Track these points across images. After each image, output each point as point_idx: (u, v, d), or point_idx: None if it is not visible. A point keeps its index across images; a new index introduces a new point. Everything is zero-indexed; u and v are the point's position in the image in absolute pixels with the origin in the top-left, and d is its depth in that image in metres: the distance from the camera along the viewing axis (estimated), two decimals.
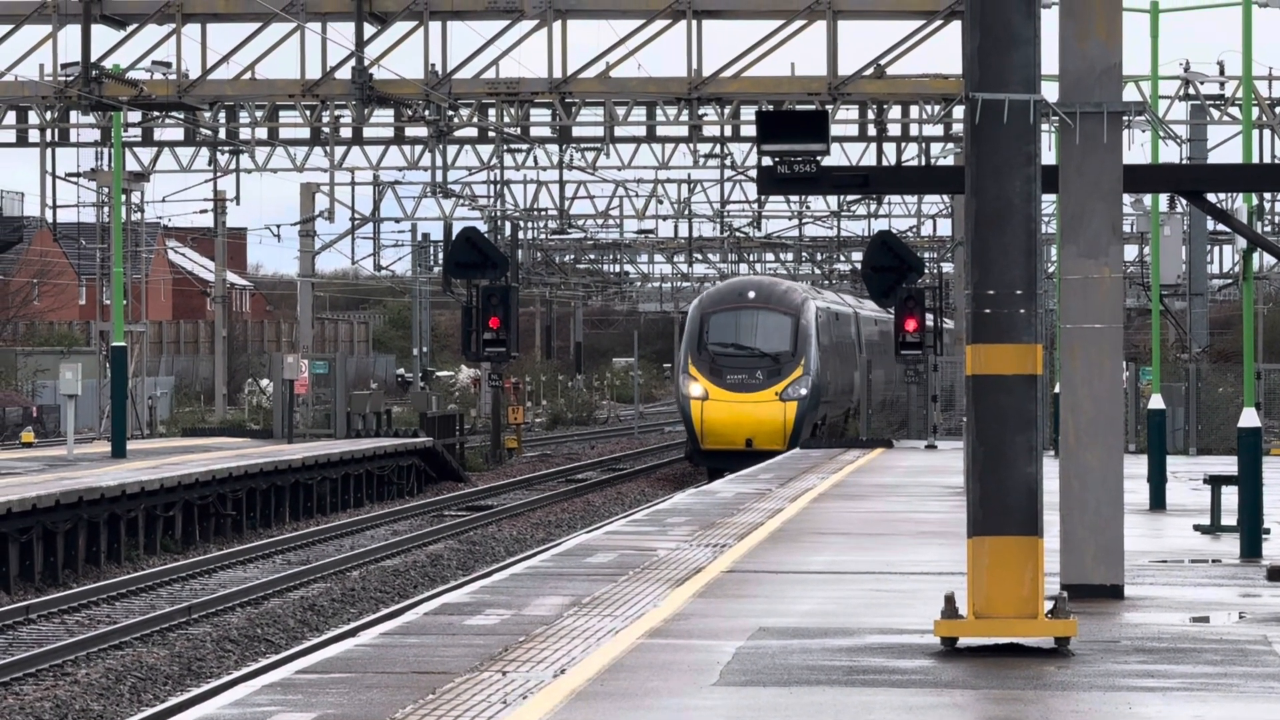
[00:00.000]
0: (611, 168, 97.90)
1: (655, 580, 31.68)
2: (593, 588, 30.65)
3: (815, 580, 32.02)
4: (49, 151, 74.32)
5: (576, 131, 65.69)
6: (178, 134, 67.51)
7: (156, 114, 62.77)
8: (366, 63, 58.51)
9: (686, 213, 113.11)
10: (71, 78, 58.01)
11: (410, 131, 64.85)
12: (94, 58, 57.58)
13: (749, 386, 75.11)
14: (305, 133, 65.50)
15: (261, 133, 67.22)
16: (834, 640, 25.25)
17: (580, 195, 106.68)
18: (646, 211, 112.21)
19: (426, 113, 60.86)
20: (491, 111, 62.80)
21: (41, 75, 59.42)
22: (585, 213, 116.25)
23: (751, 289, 79.64)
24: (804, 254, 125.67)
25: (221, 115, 64.55)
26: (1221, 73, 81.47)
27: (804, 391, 75.16)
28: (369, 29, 57.99)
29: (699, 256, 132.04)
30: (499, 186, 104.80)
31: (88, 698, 35.63)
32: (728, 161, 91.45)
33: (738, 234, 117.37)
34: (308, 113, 62.09)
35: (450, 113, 61.47)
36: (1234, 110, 76.88)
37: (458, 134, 66.14)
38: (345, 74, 58.49)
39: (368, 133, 64.98)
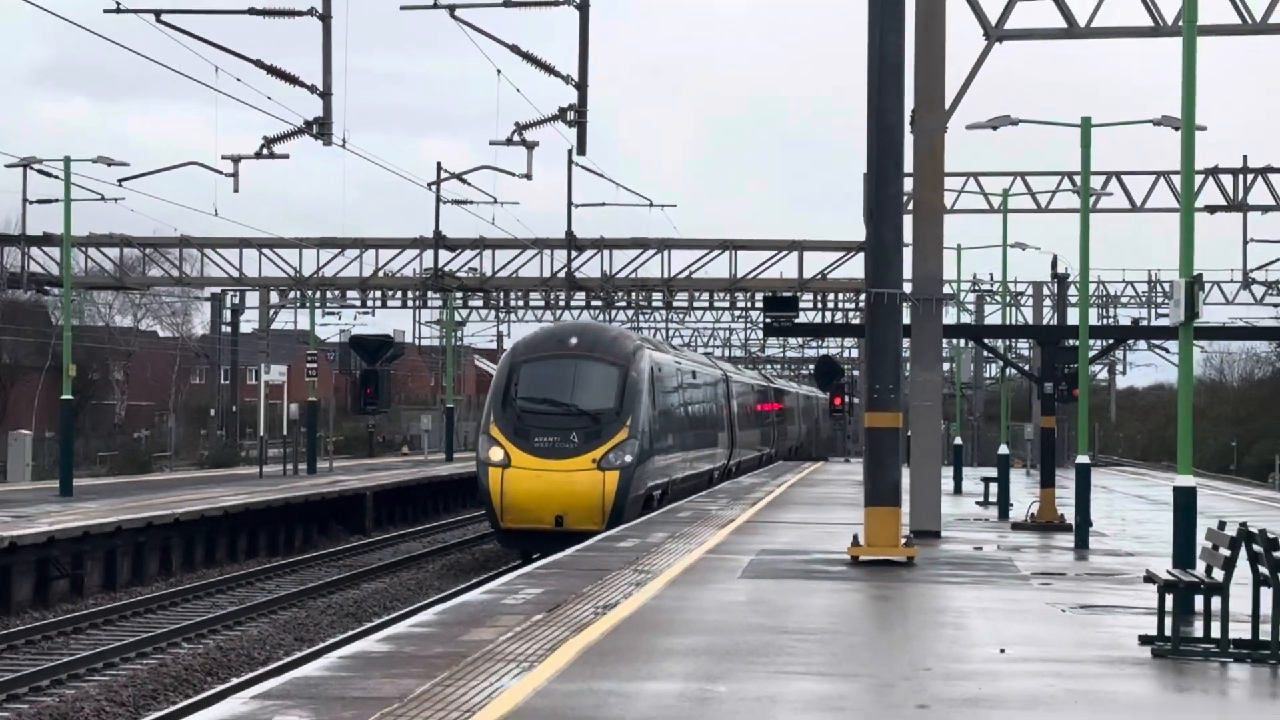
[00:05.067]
0: (692, 321, 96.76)
1: (711, 525, 31.60)
2: (681, 529, 30.57)
3: (790, 526, 31.94)
4: (417, 311, 75.01)
5: (675, 304, 65.32)
6: (481, 302, 67.11)
7: (470, 293, 62.61)
8: (574, 268, 58.40)
9: (729, 345, 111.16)
10: (428, 275, 58.03)
11: (594, 303, 64.18)
12: (440, 265, 57.58)
13: (561, 451, 36.97)
14: (541, 301, 64.96)
15: (520, 302, 66.75)
16: (798, 556, 25.19)
17: (675, 335, 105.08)
18: (709, 344, 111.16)
19: (602, 293, 60.62)
20: (633, 294, 62.52)
21: (414, 273, 59.30)
22: (677, 344, 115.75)
23: (574, 334, 40.35)
24: (788, 366, 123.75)
25: (501, 294, 64.33)
26: (992, 280, 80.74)
27: (628, 459, 37.20)
28: (575, 254, 57.90)
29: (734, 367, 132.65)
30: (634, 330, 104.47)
31: (410, 588, 34.06)
32: (749, 319, 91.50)
33: (754, 354, 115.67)
34: (543, 292, 61.87)
35: (614, 294, 61.25)
36: (998, 297, 76.60)
37: (617, 304, 65.58)
38: (562, 274, 58.31)
39: (573, 304, 64.36)
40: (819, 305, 60.23)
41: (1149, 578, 17.04)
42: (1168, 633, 15.78)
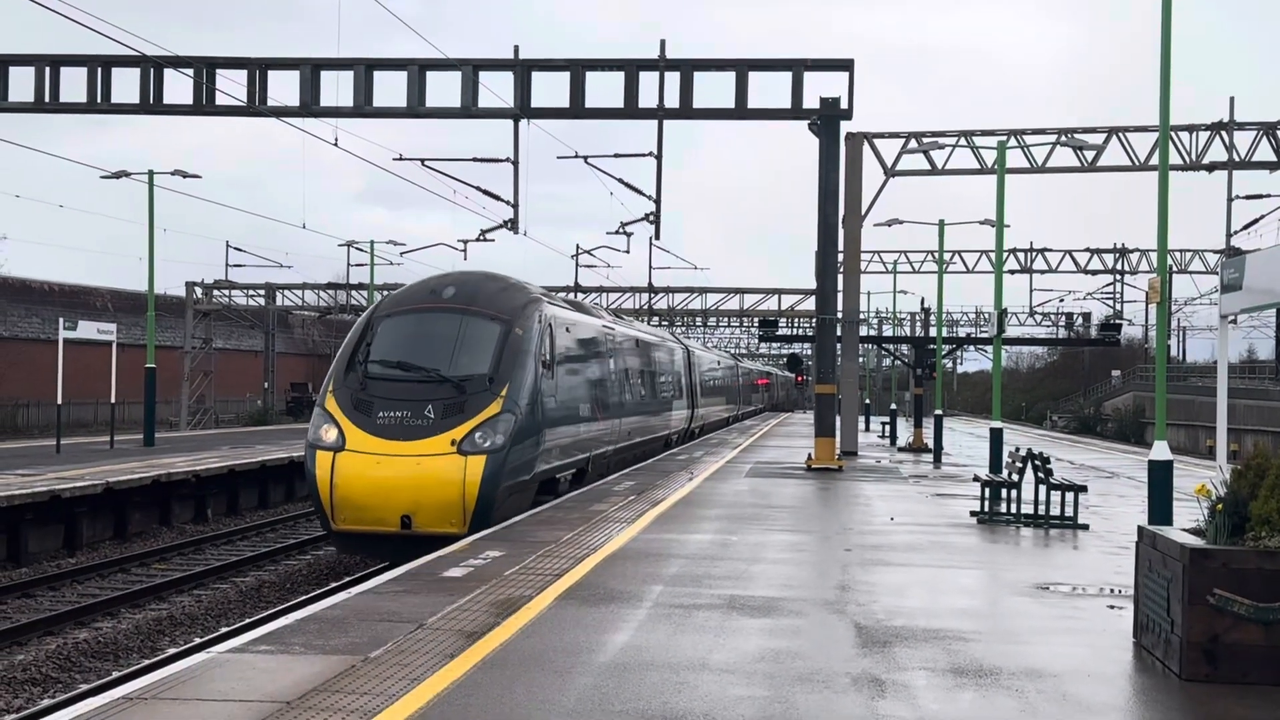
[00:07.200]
0: (720, 334, 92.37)
1: (726, 447, 31.31)
2: (713, 449, 30.17)
3: (773, 449, 31.57)
4: None
5: (709, 325, 64.02)
6: None
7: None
8: (652, 303, 57.14)
9: (739, 346, 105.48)
10: None
11: (664, 323, 61.58)
12: (578, 300, 56.58)
13: (412, 431, 10.10)
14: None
15: None
16: (776, 466, 24.89)
17: (708, 340, 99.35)
18: (728, 346, 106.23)
19: (667, 318, 58.75)
20: (685, 318, 60.89)
21: None
22: (710, 346, 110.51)
23: (452, 284, 11.47)
24: (773, 360, 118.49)
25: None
26: (887, 310, 79.73)
27: (500, 439, 10.43)
28: (653, 295, 56.72)
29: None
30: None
31: None
32: (751, 332, 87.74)
33: (753, 352, 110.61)
34: (635, 317, 59.94)
35: (674, 318, 59.77)
36: (890, 320, 75.39)
37: (677, 325, 63.80)
38: (645, 307, 57.22)
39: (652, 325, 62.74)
40: (790, 325, 59.72)
41: (976, 479, 16.92)
42: (986, 509, 15.69)
